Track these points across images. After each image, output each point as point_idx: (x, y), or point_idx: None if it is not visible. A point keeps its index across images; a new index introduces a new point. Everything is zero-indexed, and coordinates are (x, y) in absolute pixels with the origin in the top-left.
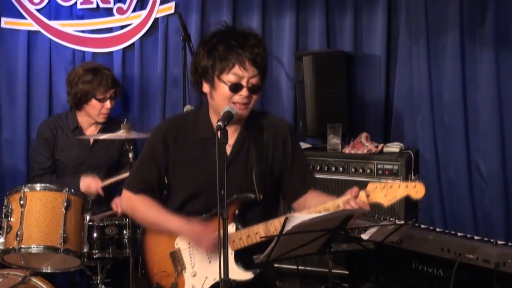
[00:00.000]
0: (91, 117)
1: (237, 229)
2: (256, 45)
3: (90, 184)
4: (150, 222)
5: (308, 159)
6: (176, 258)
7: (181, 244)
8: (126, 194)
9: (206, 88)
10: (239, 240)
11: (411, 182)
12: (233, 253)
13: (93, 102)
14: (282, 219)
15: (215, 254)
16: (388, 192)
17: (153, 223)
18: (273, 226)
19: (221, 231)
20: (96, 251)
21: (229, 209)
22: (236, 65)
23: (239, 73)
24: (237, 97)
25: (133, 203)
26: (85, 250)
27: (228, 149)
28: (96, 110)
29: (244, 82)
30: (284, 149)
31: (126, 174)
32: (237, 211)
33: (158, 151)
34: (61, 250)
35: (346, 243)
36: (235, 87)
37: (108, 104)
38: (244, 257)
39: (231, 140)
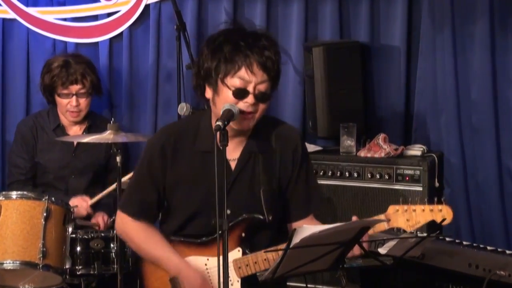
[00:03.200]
0: (64, 117)
1: (244, 253)
2: (267, 47)
3: (79, 205)
4: (144, 254)
5: (319, 163)
6: (176, 285)
7: None
8: (121, 216)
9: (208, 93)
10: (246, 266)
11: (436, 206)
12: (240, 280)
13: (56, 97)
14: None
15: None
16: (410, 216)
17: (147, 256)
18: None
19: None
20: (80, 267)
21: (234, 232)
22: (242, 68)
23: (246, 77)
24: (241, 105)
25: (128, 230)
26: (67, 266)
27: (233, 165)
28: (61, 107)
29: (250, 88)
30: (293, 161)
31: (113, 186)
32: (243, 234)
33: (156, 166)
34: (40, 266)
35: (362, 258)
36: (240, 93)
37: (73, 101)
38: (251, 286)
39: (236, 154)
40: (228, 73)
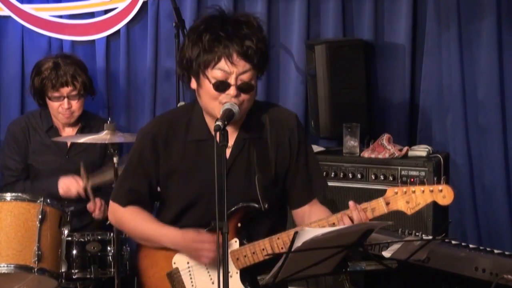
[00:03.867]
0: (56, 119)
1: (241, 244)
2: (248, 36)
3: (69, 185)
4: (140, 236)
5: (321, 164)
6: (174, 279)
7: (179, 263)
8: (112, 207)
9: (193, 83)
10: (244, 257)
11: (436, 186)
12: (239, 272)
13: (47, 100)
14: (291, 232)
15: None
16: (410, 198)
17: (143, 237)
18: (281, 240)
19: (221, 246)
20: (76, 271)
21: (230, 222)
22: (222, 59)
23: (226, 68)
24: (224, 97)
25: (120, 217)
26: (63, 270)
27: (227, 152)
28: (53, 110)
29: (231, 80)
30: (290, 146)
31: (109, 177)
32: (239, 224)
33: (147, 157)
34: (35, 269)
35: (365, 261)
36: (221, 86)
37: (65, 103)
38: (252, 277)
39: (230, 141)
40: (208, 65)
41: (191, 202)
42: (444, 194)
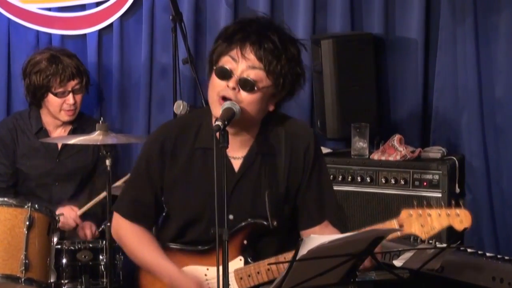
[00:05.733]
0: (56, 118)
1: (246, 263)
2: (273, 41)
3: (67, 215)
4: (139, 262)
5: (328, 167)
6: None
7: None
8: (116, 217)
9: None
10: (248, 277)
11: (454, 209)
12: None
13: (50, 97)
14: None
15: None
16: (425, 221)
17: (142, 264)
18: (288, 259)
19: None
20: (66, 281)
21: (236, 239)
22: (235, 48)
23: (235, 57)
24: (223, 88)
25: (122, 234)
26: (52, 280)
27: (237, 164)
28: (55, 107)
29: (236, 71)
30: (304, 162)
31: (104, 194)
32: (245, 241)
33: (154, 164)
34: (22, 279)
35: (375, 271)
36: (222, 73)
37: (70, 98)
38: None
39: (242, 152)
40: (222, 52)
41: (196, 215)
42: (461, 219)
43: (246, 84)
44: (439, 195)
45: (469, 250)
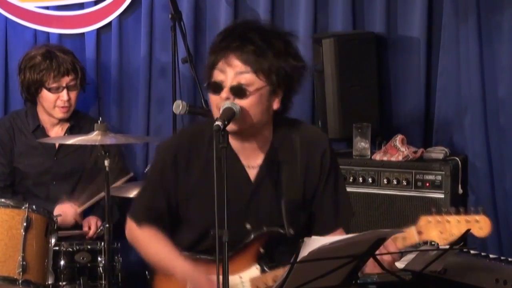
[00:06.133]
0: (50, 114)
1: (262, 271)
2: (253, 42)
3: (67, 212)
4: (153, 260)
5: None
6: None
7: None
8: (129, 223)
9: None
10: (264, 285)
11: (473, 216)
12: None
13: (44, 93)
14: None
15: None
16: (444, 228)
17: (155, 262)
18: None
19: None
20: (64, 283)
21: (252, 248)
22: (220, 61)
23: (223, 68)
24: (219, 101)
25: (136, 236)
26: (50, 282)
27: (253, 173)
28: (49, 103)
29: (227, 82)
30: (321, 168)
31: (102, 194)
32: (262, 250)
33: (167, 175)
34: (20, 281)
35: (377, 273)
36: (214, 87)
37: (64, 95)
38: None
39: (257, 161)
40: (211, 67)
41: (212, 224)
42: (480, 226)
43: (237, 91)
44: (442, 196)
45: (472, 251)
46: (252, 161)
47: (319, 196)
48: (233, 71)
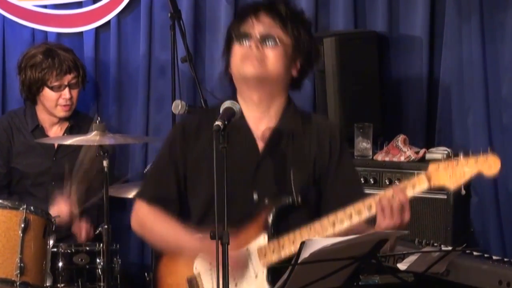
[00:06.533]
0: (51, 114)
1: (270, 239)
2: (282, 9)
3: (63, 210)
4: (160, 239)
5: None
6: (194, 285)
7: (201, 267)
8: (137, 204)
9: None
10: (272, 252)
11: (481, 156)
12: (265, 271)
13: (46, 92)
14: (325, 221)
15: (242, 276)
16: (454, 171)
17: (162, 240)
18: (313, 231)
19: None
20: (62, 285)
21: (260, 217)
22: (249, 19)
23: (250, 23)
24: (247, 50)
25: (142, 217)
26: (48, 284)
27: (260, 145)
28: (51, 102)
29: (255, 32)
30: (330, 151)
31: (101, 195)
32: (269, 219)
33: (176, 146)
34: (18, 283)
35: (379, 274)
36: (242, 36)
37: (66, 93)
38: (280, 277)
39: (265, 133)
40: (238, 27)
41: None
42: (490, 164)
43: (268, 38)
44: (444, 197)
45: (475, 253)
46: (262, 132)
47: (330, 180)
48: (262, 26)
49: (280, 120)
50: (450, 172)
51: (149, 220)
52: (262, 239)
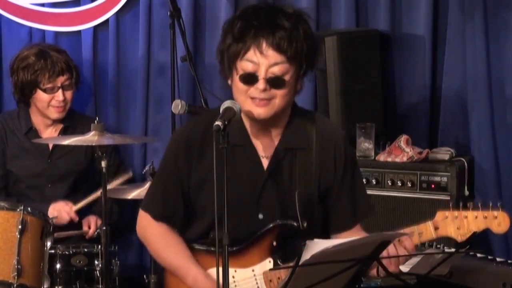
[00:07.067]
0: (44, 115)
1: (275, 265)
2: (283, 26)
3: (61, 210)
4: (164, 263)
5: None
6: None
7: None
8: (142, 216)
9: (230, 79)
10: (277, 279)
11: (491, 212)
12: None
13: (39, 93)
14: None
15: None
16: (461, 224)
17: (166, 265)
18: None
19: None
20: (60, 287)
21: (265, 240)
22: (251, 49)
23: (254, 59)
24: (253, 91)
25: (148, 234)
26: (46, 286)
27: (265, 163)
28: (44, 103)
29: (260, 72)
30: (335, 165)
31: (99, 193)
32: (275, 243)
33: (181, 165)
34: (15, 286)
35: (381, 277)
36: (247, 78)
37: (59, 95)
38: None
39: (269, 151)
40: (237, 55)
41: (222, 214)
42: (499, 222)
43: (276, 82)
44: (447, 198)
45: (478, 255)
46: (266, 150)
47: (335, 193)
48: (267, 62)
49: (282, 137)
50: (458, 225)
51: (155, 242)
52: (268, 263)
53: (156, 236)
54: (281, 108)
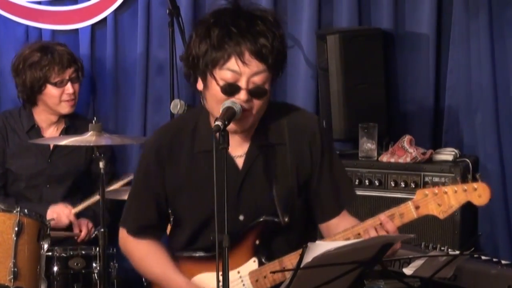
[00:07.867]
0: (52, 112)
1: (260, 264)
2: (263, 33)
3: (60, 212)
4: (148, 276)
5: None
6: None
7: None
8: (122, 233)
9: (200, 84)
10: (264, 278)
11: (470, 184)
12: None
13: (49, 89)
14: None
15: None
16: (442, 200)
17: (151, 278)
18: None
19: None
20: None
21: (248, 240)
22: (232, 58)
23: (236, 68)
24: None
25: (131, 250)
26: None
27: (240, 162)
28: (55, 99)
29: (242, 82)
30: (311, 153)
31: (97, 197)
32: (257, 241)
33: (152, 176)
34: None
35: (384, 279)
36: (230, 89)
37: (69, 88)
38: None
39: (243, 149)
40: (216, 64)
41: (205, 220)
42: (479, 193)
43: (258, 92)
44: None
45: (483, 257)
46: (239, 150)
47: (315, 181)
48: (249, 71)
49: (255, 135)
50: (439, 201)
51: (136, 256)
52: (252, 263)
53: (136, 251)
54: (259, 116)
